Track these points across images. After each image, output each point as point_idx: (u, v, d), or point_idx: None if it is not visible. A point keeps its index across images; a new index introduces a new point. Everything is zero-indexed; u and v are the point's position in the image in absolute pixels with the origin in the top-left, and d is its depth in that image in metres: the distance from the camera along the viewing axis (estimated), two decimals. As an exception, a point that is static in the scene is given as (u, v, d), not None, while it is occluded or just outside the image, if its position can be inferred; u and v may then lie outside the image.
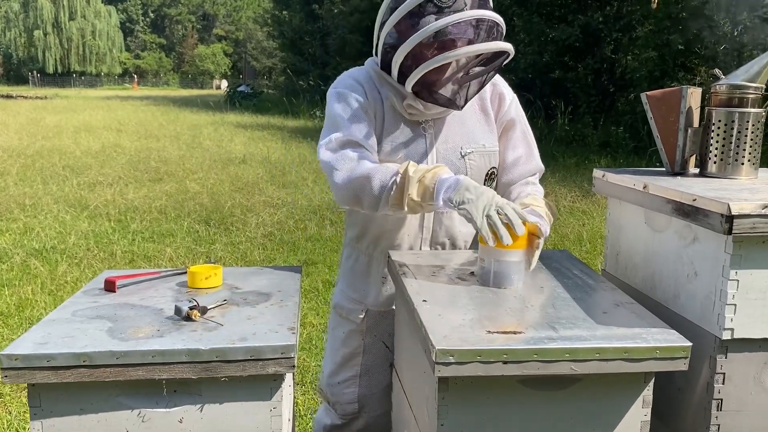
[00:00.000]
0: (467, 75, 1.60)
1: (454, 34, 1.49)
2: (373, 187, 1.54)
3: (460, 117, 1.71)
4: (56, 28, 57.04)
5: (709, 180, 1.58)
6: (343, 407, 1.88)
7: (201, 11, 70.63)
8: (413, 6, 1.48)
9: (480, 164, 1.71)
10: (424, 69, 1.49)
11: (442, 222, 1.74)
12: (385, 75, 1.65)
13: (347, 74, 1.73)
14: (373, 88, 1.68)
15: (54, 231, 5.85)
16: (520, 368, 1.21)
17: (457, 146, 1.70)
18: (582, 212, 6.58)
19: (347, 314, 1.84)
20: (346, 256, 1.87)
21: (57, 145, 11.92)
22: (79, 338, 1.21)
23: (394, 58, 1.54)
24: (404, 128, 1.67)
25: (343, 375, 1.87)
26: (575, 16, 13.01)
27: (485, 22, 1.52)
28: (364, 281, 1.81)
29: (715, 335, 1.35)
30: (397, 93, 1.65)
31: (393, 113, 1.67)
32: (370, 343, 1.84)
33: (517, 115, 1.78)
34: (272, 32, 33.83)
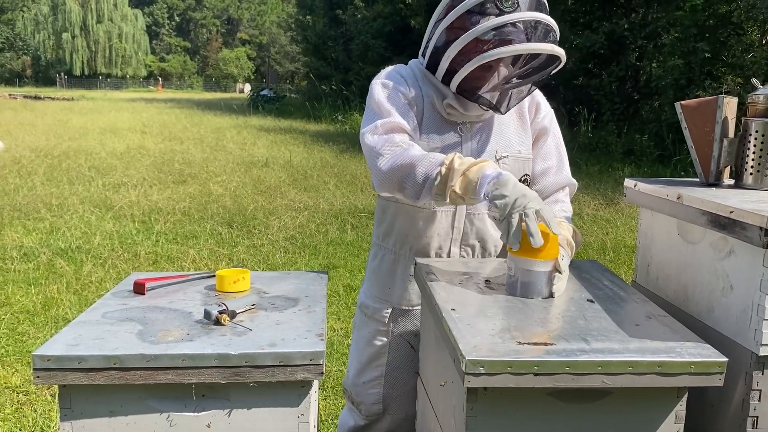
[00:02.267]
0: (514, 80, 1.60)
1: (509, 34, 1.48)
2: (417, 174, 1.50)
3: (497, 121, 1.71)
4: (84, 31, 57.95)
5: (745, 192, 1.55)
6: (368, 407, 1.87)
7: (225, 15, 71.32)
8: (473, 5, 1.49)
9: (513, 169, 1.70)
10: (475, 63, 1.48)
11: (473, 223, 1.73)
12: (428, 74, 1.66)
13: (392, 68, 1.73)
14: (415, 83, 1.68)
15: (79, 231, 5.92)
16: (552, 380, 1.20)
17: (492, 150, 1.70)
18: (605, 221, 6.51)
19: (372, 313, 1.83)
20: (373, 255, 1.86)
21: (83, 146, 12.08)
22: (109, 340, 1.21)
23: (446, 53, 1.54)
24: (441, 127, 1.68)
25: (368, 375, 1.86)
26: (600, 23, 12.92)
27: (542, 25, 1.51)
28: (390, 280, 1.80)
29: (752, 351, 1.32)
30: (438, 92, 1.66)
31: (432, 111, 1.68)
32: (395, 343, 1.83)
33: (551, 126, 1.78)
34: (296, 37, 34.07)
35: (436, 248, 1.75)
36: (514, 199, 1.38)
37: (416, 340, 1.81)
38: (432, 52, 1.61)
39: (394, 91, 1.65)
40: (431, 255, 1.75)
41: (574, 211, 5.89)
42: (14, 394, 3.02)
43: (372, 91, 1.68)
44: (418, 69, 1.70)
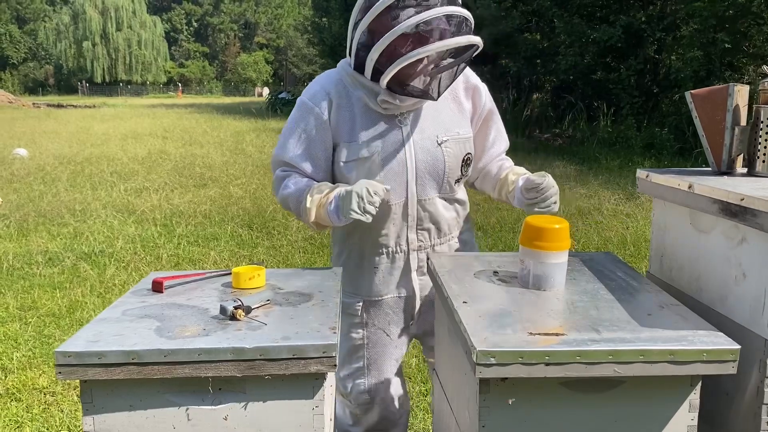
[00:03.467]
0: (439, 67, 1.66)
1: (425, 31, 1.55)
2: (293, 209, 1.77)
3: (433, 108, 1.79)
4: (104, 39, 58.69)
5: (757, 179, 1.54)
6: (356, 397, 1.93)
7: (243, 20, 71.80)
8: (385, 6, 1.55)
9: (456, 151, 1.80)
10: (400, 64, 1.56)
11: (426, 208, 1.81)
12: (357, 75, 1.72)
13: (317, 80, 1.83)
14: (342, 93, 1.76)
15: (102, 235, 6.01)
16: (563, 370, 1.20)
17: (432, 135, 1.78)
18: (626, 215, 6.46)
19: (346, 308, 1.87)
20: (337, 253, 1.93)
21: (105, 152, 12.25)
22: (128, 336, 1.25)
23: (369, 56, 1.61)
24: (380, 123, 1.75)
25: (350, 368, 1.92)
26: (617, 16, 12.79)
27: (456, 18, 1.59)
28: (359, 274, 1.86)
29: (765, 338, 1.31)
30: (370, 91, 1.72)
31: (366, 111, 1.75)
32: (371, 333, 1.89)
33: (491, 103, 1.91)
34: (312, 39, 34.12)
35: (395, 237, 1.82)
36: (355, 202, 1.60)
37: (390, 329, 1.90)
38: (356, 53, 1.67)
39: (303, 114, 1.77)
40: (391, 244, 1.83)
41: (593, 205, 5.87)
42: (42, 395, 3.09)
43: (291, 113, 1.82)
44: (346, 73, 1.77)
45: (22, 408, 2.97)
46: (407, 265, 1.84)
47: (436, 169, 1.77)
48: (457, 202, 1.89)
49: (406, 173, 1.76)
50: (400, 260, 1.84)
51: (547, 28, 15.04)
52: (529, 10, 14.81)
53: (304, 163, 1.76)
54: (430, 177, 1.78)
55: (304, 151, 1.76)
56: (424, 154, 1.76)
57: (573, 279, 1.58)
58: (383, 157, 1.73)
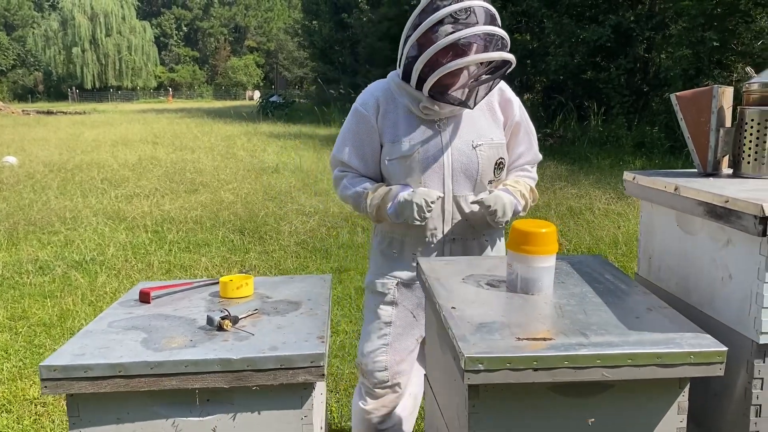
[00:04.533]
0: (476, 80, 1.89)
1: (465, 45, 1.76)
2: (352, 206, 2.04)
3: (470, 116, 1.99)
4: (93, 45, 58.41)
5: (742, 180, 1.55)
6: (375, 375, 2.07)
7: (233, 23, 71.67)
8: (434, 22, 1.75)
9: (489, 154, 1.98)
10: (440, 73, 1.76)
11: (459, 204, 1.98)
12: (403, 84, 1.93)
13: (370, 89, 2.06)
14: (389, 99, 2.00)
15: (93, 243, 5.98)
16: (551, 375, 1.20)
17: (469, 140, 1.97)
18: (617, 214, 6.47)
19: (380, 288, 2.06)
20: (379, 240, 2.11)
21: (95, 158, 12.19)
22: (114, 349, 1.24)
23: (415, 66, 1.81)
24: (421, 128, 1.96)
25: (374, 344, 2.07)
26: (606, 16, 12.83)
27: (493, 37, 1.78)
28: (398, 261, 2.05)
29: (752, 339, 1.32)
30: (413, 98, 1.93)
31: (409, 115, 1.97)
32: (399, 312, 2.06)
33: (521, 117, 2.06)
34: (303, 42, 34.17)
35: (431, 229, 2.00)
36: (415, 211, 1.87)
37: (418, 311, 2.06)
38: (405, 65, 1.89)
39: (357, 118, 2.01)
40: (427, 236, 2.00)
41: (585, 205, 5.86)
42: (32, 406, 3.06)
43: (347, 117, 2.05)
44: (393, 82, 1.99)
45: (13, 419, 2.95)
46: (440, 254, 2.02)
47: (470, 169, 1.96)
48: None
49: (443, 171, 1.95)
50: (436, 250, 2.01)
51: (537, 28, 15.09)
52: (519, 10, 14.84)
53: (357, 163, 2.02)
54: (464, 176, 1.96)
55: (357, 153, 2.01)
56: (460, 155, 1.95)
57: (561, 282, 1.58)
58: (423, 156, 1.94)
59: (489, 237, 2.07)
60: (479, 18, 1.78)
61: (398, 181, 1.97)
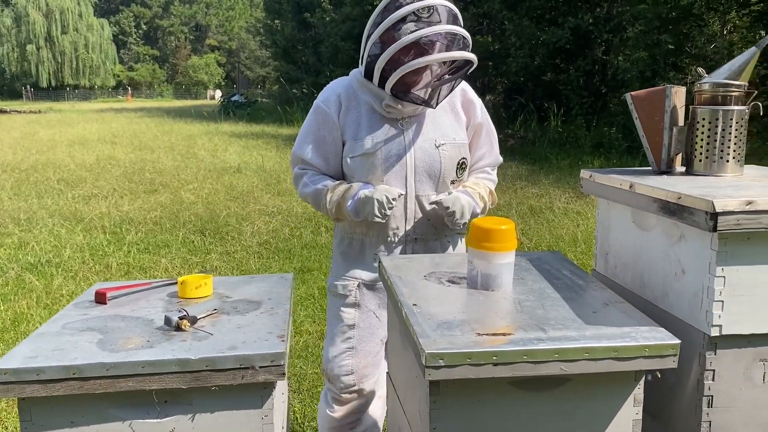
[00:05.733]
0: (438, 80, 1.87)
1: (427, 44, 1.75)
2: (312, 204, 2.00)
3: (432, 115, 1.98)
4: (49, 42, 56.92)
5: (694, 178, 1.59)
6: (341, 380, 2.03)
7: (193, 22, 70.68)
8: (396, 20, 1.74)
9: (452, 154, 1.97)
10: (402, 72, 1.75)
11: (422, 203, 1.97)
12: (366, 82, 1.92)
13: (331, 86, 2.03)
14: (351, 96, 1.98)
15: (49, 245, 5.83)
16: (510, 370, 1.22)
17: (431, 139, 1.96)
18: (576, 213, 6.59)
19: (342, 290, 2.03)
20: (339, 240, 2.08)
21: (51, 158, 11.89)
22: (68, 351, 1.21)
23: (377, 64, 1.80)
24: (384, 126, 1.95)
25: (339, 347, 2.03)
26: (565, 18, 13.05)
27: (456, 36, 1.78)
28: (359, 262, 2.03)
29: (704, 332, 1.35)
30: (377, 97, 1.92)
31: (372, 113, 1.95)
32: (362, 314, 2.03)
33: (483, 119, 2.06)
34: (265, 41, 33.90)
35: (393, 228, 1.98)
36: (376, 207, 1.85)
37: (380, 312, 2.04)
38: (367, 63, 1.87)
39: (318, 116, 1.98)
40: (389, 234, 1.98)
41: (545, 204, 5.93)
42: (-16, 413, 2.97)
43: (308, 115, 2.03)
44: (356, 80, 1.98)
45: (-36, 427, 2.86)
46: (403, 253, 2.00)
47: (433, 168, 1.95)
48: None
49: (406, 170, 1.93)
50: (398, 250, 2.00)
51: (498, 30, 15.26)
52: (480, 12, 14.99)
53: (318, 161, 1.99)
54: (427, 175, 1.95)
55: (318, 150, 1.98)
56: (423, 154, 1.94)
57: (521, 279, 1.60)
58: (385, 155, 1.92)
59: (451, 238, 2.06)
60: (442, 17, 1.77)
61: (360, 180, 1.95)
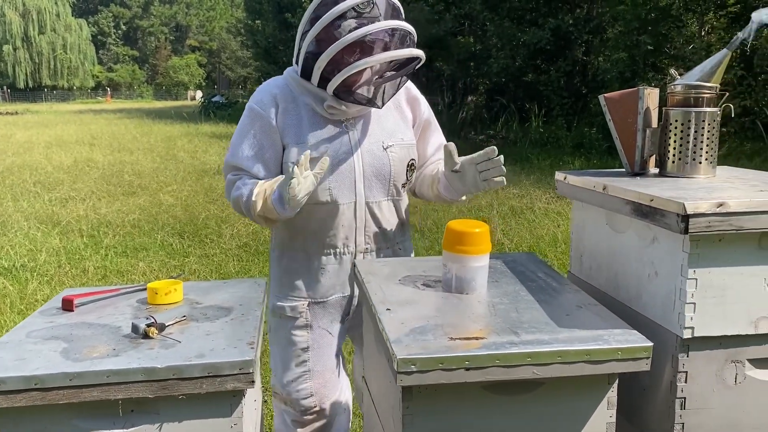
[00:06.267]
0: (383, 78, 1.76)
1: (370, 42, 1.65)
2: (243, 208, 1.77)
3: (378, 115, 1.87)
4: (26, 43, 56.16)
5: (667, 180, 1.59)
6: (301, 403, 1.91)
7: (173, 22, 70.18)
8: (333, 17, 1.63)
9: (401, 155, 1.86)
10: (346, 73, 1.64)
11: (373, 211, 1.85)
12: (304, 82, 1.78)
13: (265, 86, 1.87)
14: (288, 97, 1.82)
15: (24, 249, 5.74)
16: (483, 374, 1.21)
17: (379, 140, 1.84)
18: (557, 213, 6.62)
19: (290, 312, 1.88)
20: (279, 255, 1.92)
21: (28, 161, 11.73)
22: (31, 360, 1.18)
23: (317, 65, 1.68)
24: (328, 128, 1.81)
25: (295, 372, 1.90)
26: (546, 19, 13.13)
27: (399, 31, 1.68)
28: (305, 276, 1.87)
29: (677, 334, 1.35)
30: (317, 97, 1.79)
31: (313, 116, 1.81)
32: (316, 334, 1.90)
33: (429, 114, 1.99)
34: (246, 42, 33.74)
35: (342, 239, 1.84)
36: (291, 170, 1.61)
37: (333, 327, 1.92)
38: (303, 62, 1.74)
39: (252, 118, 1.82)
40: (339, 246, 1.85)
41: (526, 205, 5.93)
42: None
43: (241, 118, 1.85)
44: (293, 79, 1.83)
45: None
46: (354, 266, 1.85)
47: (382, 172, 1.83)
48: (401, 207, 1.94)
49: (354, 175, 1.80)
50: (347, 262, 1.87)
51: (480, 31, 15.31)
52: (462, 13, 15.03)
53: (255, 167, 1.80)
54: (377, 180, 1.83)
55: (254, 155, 1.80)
56: (371, 157, 1.82)
57: (495, 281, 1.59)
58: (332, 160, 1.78)
59: (402, 245, 1.97)
60: (382, 11, 1.67)
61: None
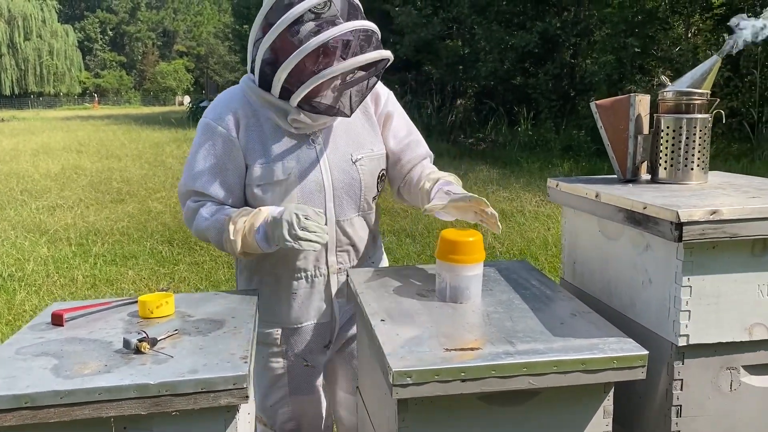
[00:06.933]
0: (350, 83, 1.62)
1: (333, 47, 1.51)
2: (213, 241, 1.65)
3: (345, 124, 1.74)
4: (11, 49, 55.73)
5: (659, 186, 1.59)
6: (282, 426, 1.85)
7: (161, 28, 69.92)
8: (288, 23, 1.48)
9: (371, 168, 1.75)
10: (311, 84, 1.50)
11: (344, 229, 1.75)
12: (263, 93, 1.63)
13: (221, 99, 1.72)
14: (248, 112, 1.67)
15: (11, 258, 5.69)
16: (479, 385, 1.20)
17: (346, 153, 1.72)
18: (547, 216, 6.63)
19: (262, 339, 1.77)
20: (246, 281, 1.82)
21: (14, 168, 11.64)
22: (21, 378, 1.16)
23: (276, 76, 1.53)
24: (293, 143, 1.68)
25: (273, 397, 1.84)
26: (533, 22, 13.18)
27: (362, 32, 1.54)
28: (275, 301, 1.77)
29: (671, 342, 1.35)
30: (279, 110, 1.64)
31: (277, 131, 1.67)
32: (291, 363, 1.82)
33: (393, 107, 1.82)
34: (233, 47, 33.66)
35: (313, 261, 1.74)
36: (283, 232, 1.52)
37: (311, 357, 1.83)
38: (260, 72, 1.60)
39: (210, 135, 1.66)
40: (310, 268, 1.75)
41: (516, 208, 5.92)
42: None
43: (196, 137, 1.70)
44: (251, 90, 1.67)
45: None
46: (327, 289, 1.77)
47: (352, 188, 1.72)
48: (373, 220, 1.85)
49: (324, 193, 1.69)
50: (320, 284, 1.76)
51: (468, 34, 15.34)
52: (450, 17, 15.06)
53: (217, 190, 1.66)
54: (347, 196, 1.72)
55: (215, 177, 1.65)
56: (340, 173, 1.70)
57: (489, 290, 1.58)
58: (299, 178, 1.66)
59: (375, 259, 1.90)
60: (340, 10, 1.53)
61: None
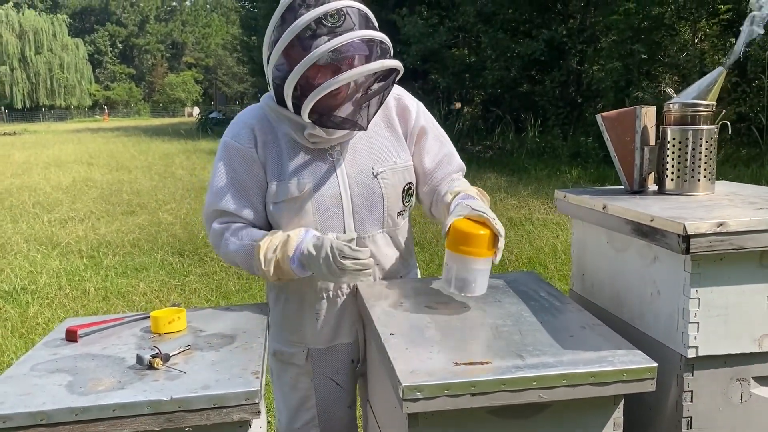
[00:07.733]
0: (363, 95, 1.58)
1: (339, 58, 1.46)
2: (243, 266, 1.65)
3: (366, 137, 1.69)
4: (23, 63, 56.33)
5: (666, 198, 1.60)
6: None
7: (169, 40, 70.51)
8: (293, 36, 1.45)
9: (394, 181, 1.69)
10: (315, 96, 1.46)
11: (367, 246, 1.68)
12: (281, 110, 1.61)
13: (240, 118, 1.71)
14: (266, 128, 1.66)
15: (24, 271, 5.74)
16: (489, 399, 1.21)
17: (367, 167, 1.67)
18: (555, 224, 6.62)
19: (289, 358, 1.77)
20: (274, 299, 1.80)
21: (26, 181, 11.75)
22: (36, 395, 1.18)
23: (285, 91, 1.51)
24: (310, 160, 1.65)
25: (301, 419, 1.81)
26: (539, 30, 13.21)
27: (369, 42, 1.49)
28: (299, 321, 1.75)
29: (681, 353, 1.35)
30: (296, 125, 1.62)
31: (294, 146, 1.65)
32: (319, 383, 1.79)
33: (426, 122, 1.76)
34: (242, 58, 33.87)
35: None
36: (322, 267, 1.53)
37: (339, 377, 1.81)
38: (274, 89, 1.58)
39: (230, 155, 1.65)
40: (332, 288, 1.72)
41: (524, 216, 5.91)
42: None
43: (216, 158, 1.68)
44: (269, 107, 1.66)
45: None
46: (351, 309, 1.74)
47: (373, 203, 1.67)
48: (400, 237, 1.78)
49: (342, 210, 1.65)
50: (343, 304, 1.73)
51: (474, 43, 15.39)
52: (456, 26, 15.11)
53: (240, 208, 1.64)
54: (368, 212, 1.67)
55: (242, 198, 1.64)
56: (360, 187, 1.65)
57: (498, 301, 1.59)
58: (316, 195, 1.63)
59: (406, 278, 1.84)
60: (354, 22, 1.47)
61: (288, 229, 1.63)
